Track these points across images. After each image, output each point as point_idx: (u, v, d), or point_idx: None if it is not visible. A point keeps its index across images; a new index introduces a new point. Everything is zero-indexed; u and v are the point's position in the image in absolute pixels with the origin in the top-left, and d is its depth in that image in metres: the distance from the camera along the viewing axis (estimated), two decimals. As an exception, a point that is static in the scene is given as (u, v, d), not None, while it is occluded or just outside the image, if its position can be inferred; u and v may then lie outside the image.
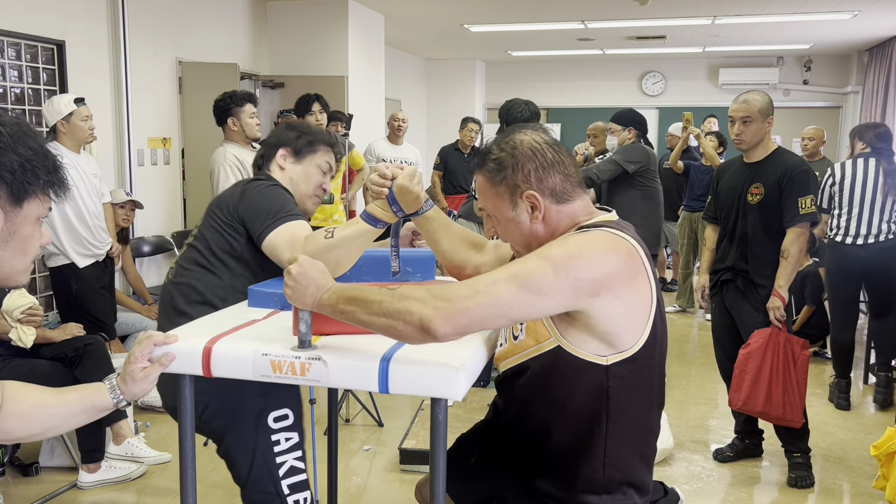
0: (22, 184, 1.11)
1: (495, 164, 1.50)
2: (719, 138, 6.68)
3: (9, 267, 1.15)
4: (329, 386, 1.43)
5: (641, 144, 4.58)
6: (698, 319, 6.62)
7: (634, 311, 1.40)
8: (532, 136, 1.51)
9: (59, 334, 3.30)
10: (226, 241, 1.96)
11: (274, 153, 2.13)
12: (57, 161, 1.17)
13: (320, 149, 2.16)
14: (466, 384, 1.37)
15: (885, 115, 8.98)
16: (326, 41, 6.75)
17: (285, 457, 1.91)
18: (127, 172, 5.10)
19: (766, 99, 3.27)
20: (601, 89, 11.01)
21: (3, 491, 3.25)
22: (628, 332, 1.40)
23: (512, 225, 1.51)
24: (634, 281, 1.40)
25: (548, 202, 1.48)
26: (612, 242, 1.40)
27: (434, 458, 1.38)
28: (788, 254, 3.20)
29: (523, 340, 1.49)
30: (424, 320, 1.28)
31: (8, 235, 1.12)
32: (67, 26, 4.58)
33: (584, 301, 1.34)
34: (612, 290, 1.35)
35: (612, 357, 1.41)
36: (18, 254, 1.16)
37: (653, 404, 1.51)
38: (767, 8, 6.95)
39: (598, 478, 1.48)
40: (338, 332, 1.55)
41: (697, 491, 3.31)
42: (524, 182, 1.48)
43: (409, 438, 3.55)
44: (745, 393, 3.29)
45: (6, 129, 1.10)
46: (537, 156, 1.48)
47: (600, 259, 1.35)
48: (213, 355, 1.48)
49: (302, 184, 2.13)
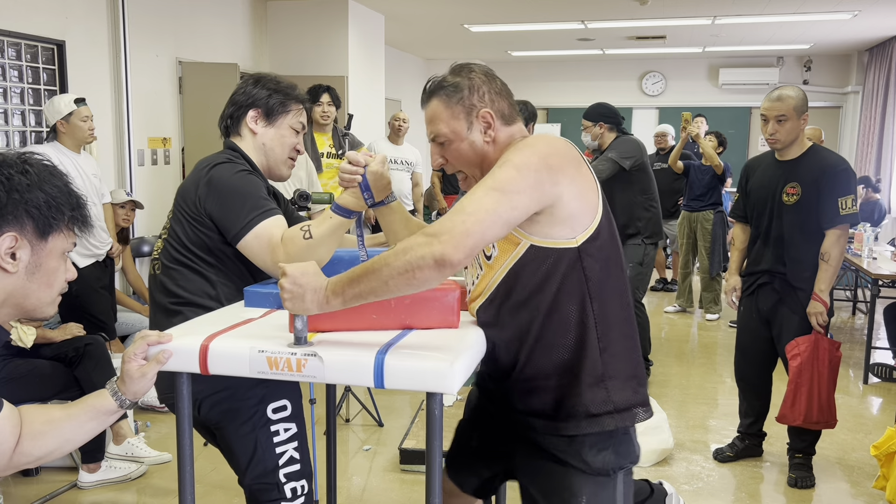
0: (47, 219, 1.21)
1: (452, 87, 1.62)
2: (718, 138, 6.68)
3: (36, 299, 1.24)
4: (325, 382, 1.44)
5: (631, 137, 4.53)
6: (698, 319, 6.62)
7: (586, 194, 1.53)
8: (481, 67, 1.68)
9: (59, 334, 3.31)
10: (197, 237, 1.87)
11: (244, 114, 1.98)
12: (81, 200, 1.27)
13: (293, 108, 2.02)
14: (461, 379, 1.37)
15: (885, 115, 8.98)
16: (326, 41, 6.76)
17: (285, 447, 1.92)
18: (127, 172, 5.11)
19: (800, 95, 3.14)
20: (601, 89, 11.00)
21: (3, 491, 3.25)
22: (585, 212, 1.54)
23: (465, 144, 1.62)
24: (580, 167, 1.55)
25: (498, 122, 1.62)
26: (549, 139, 1.56)
27: (430, 452, 1.38)
28: (829, 256, 3.08)
29: (497, 256, 1.57)
30: (437, 257, 1.36)
31: (35, 268, 1.22)
32: (67, 26, 4.59)
33: (548, 190, 1.48)
34: (565, 173, 1.50)
35: (580, 236, 1.53)
36: (45, 286, 1.24)
37: (619, 274, 1.61)
38: (767, 8, 6.95)
39: (598, 368, 1.55)
40: (333, 328, 1.55)
41: (697, 491, 3.30)
42: (480, 101, 1.61)
43: (409, 438, 3.55)
44: (804, 407, 3.18)
45: (34, 170, 1.21)
46: (489, 81, 1.64)
47: (548, 151, 1.51)
48: (209, 353, 1.48)
49: (277, 148, 2.00)
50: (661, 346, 5.68)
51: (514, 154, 1.50)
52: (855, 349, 5.59)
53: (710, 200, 6.48)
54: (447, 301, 1.57)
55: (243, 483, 1.95)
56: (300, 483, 1.94)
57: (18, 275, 1.20)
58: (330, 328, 1.55)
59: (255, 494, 1.94)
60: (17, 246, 1.18)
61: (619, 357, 1.57)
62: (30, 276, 1.21)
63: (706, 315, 6.59)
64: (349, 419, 4.07)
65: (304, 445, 1.97)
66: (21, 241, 1.19)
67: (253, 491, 1.94)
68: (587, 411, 1.53)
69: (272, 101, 1.99)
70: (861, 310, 7.09)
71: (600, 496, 1.56)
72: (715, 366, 5.22)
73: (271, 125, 2.00)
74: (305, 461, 1.97)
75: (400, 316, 1.56)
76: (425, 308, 1.57)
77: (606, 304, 1.56)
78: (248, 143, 2.01)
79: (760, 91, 10.34)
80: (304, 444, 1.97)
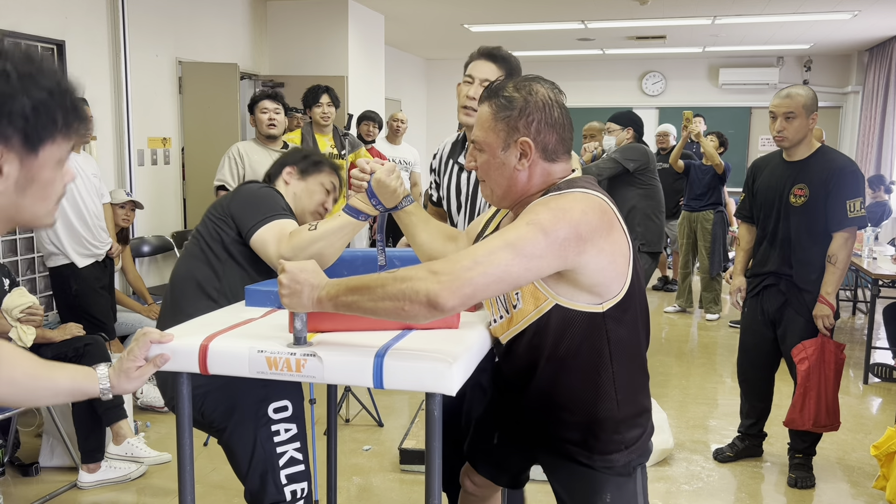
0: (37, 129, 1.02)
1: (506, 100, 1.54)
2: (720, 138, 6.68)
3: (30, 214, 1.08)
4: (324, 382, 1.44)
5: (640, 144, 4.60)
6: (698, 319, 6.62)
7: (616, 260, 1.49)
8: (547, 90, 1.56)
9: (58, 334, 3.31)
10: (216, 233, 2.04)
11: (280, 171, 2.25)
12: (76, 100, 1.07)
13: (325, 170, 2.26)
14: (460, 379, 1.38)
15: (885, 115, 8.98)
16: (326, 41, 6.76)
17: (285, 447, 1.93)
18: (127, 172, 5.11)
19: (810, 94, 3.11)
20: (601, 89, 11.01)
21: (3, 491, 3.25)
22: (614, 281, 1.50)
23: (495, 163, 1.56)
24: (611, 233, 1.48)
25: (537, 155, 1.54)
26: (588, 201, 1.48)
27: (429, 453, 1.38)
28: (837, 259, 3.06)
29: (522, 308, 1.56)
30: (431, 296, 1.32)
31: (26, 182, 1.04)
32: (67, 26, 4.59)
33: (572, 259, 1.43)
34: (594, 244, 1.44)
35: (607, 304, 1.51)
36: (39, 200, 1.08)
37: (641, 332, 1.62)
38: (767, 8, 6.95)
39: (615, 416, 1.58)
40: (333, 328, 1.55)
41: (697, 491, 3.30)
42: (525, 128, 1.52)
43: (408, 438, 3.55)
44: (813, 411, 3.17)
45: (15, 71, 0.99)
46: (546, 109, 1.53)
47: (581, 219, 1.43)
48: (209, 353, 1.48)
49: (305, 199, 2.22)
50: (661, 346, 5.68)
51: (546, 214, 1.42)
52: (855, 349, 5.58)
53: (711, 200, 6.48)
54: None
55: (245, 484, 1.95)
56: (301, 486, 1.94)
57: (7, 191, 1.04)
58: (330, 328, 1.55)
59: (256, 496, 1.94)
60: (3, 160, 1.01)
61: (635, 402, 1.62)
62: (21, 192, 1.04)
63: (706, 315, 6.59)
64: (349, 419, 4.07)
65: (304, 447, 1.98)
66: (7, 154, 1.01)
67: (253, 492, 1.94)
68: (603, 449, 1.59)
69: (306, 161, 2.26)
70: (861, 310, 7.09)
71: (624, 492, 1.61)
72: (715, 366, 5.22)
73: (303, 179, 2.24)
74: (306, 463, 1.97)
75: (400, 316, 1.56)
76: (425, 308, 1.56)
77: (626, 360, 1.58)
78: (282, 190, 2.22)
79: (760, 91, 10.34)
80: (305, 446, 1.98)
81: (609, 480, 1.60)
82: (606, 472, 1.60)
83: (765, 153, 3.42)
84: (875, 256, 5.28)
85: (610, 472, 1.60)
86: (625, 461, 1.60)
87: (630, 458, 1.61)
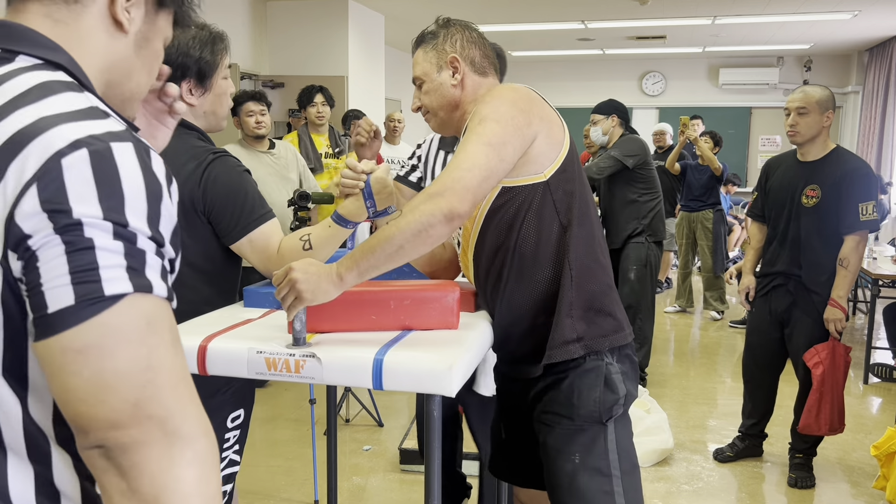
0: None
1: (430, 35, 1.76)
2: (714, 137, 6.68)
3: (136, 82, 1.00)
4: (323, 383, 1.44)
5: (635, 136, 4.54)
6: (698, 319, 6.62)
7: (552, 129, 1.62)
8: (465, 21, 1.81)
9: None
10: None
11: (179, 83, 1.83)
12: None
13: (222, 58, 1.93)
14: (460, 380, 1.37)
15: (885, 115, 8.98)
16: (326, 41, 6.76)
17: (226, 452, 1.91)
18: (126, 173, 5.10)
19: (825, 92, 3.10)
20: (601, 89, 10.99)
21: (2, 491, 3.24)
22: (553, 146, 1.62)
23: (433, 87, 1.74)
24: (542, 104, 1.64)
25: (467, 68, 1.73)
26: (512, 86, 1.65)
27: (429, 453, 1.38)
28: (848, 262, 3.04)
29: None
30: (447, 211, 1.43)
31: (143, 41, 0.97)
32: (67, 27, 4.58)
33: (526, 132, 1.56)
34: (534, 113, 1.59)
35: (548, 170, 1.61)
36: (146, 69, 1.00)
37: (590, 211, 1.68)
38: (767, 8, 6.95)
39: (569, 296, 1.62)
40: (333, 329, 1.55)
41: (697, 491, 3.30)
42: (451, 47, 1.73)
43: (409, 438, 3.55)
44: (828, 417, 3.14)
45: None
46: (465, 31, 1.76)
47: (513, 96, 1.59)
48: (208, 353, 1.48)
49: (218, 108, 1.88)
50: (661, 347, 5.67)
51: (487, 108, 1.56)
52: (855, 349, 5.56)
53: (709, 200, 6.48)
54: (446, 302, 1.57)
55: None
56: (229, 486, 1.92)
57: (129, 40, 0.96)
58: (329, 329, 1.55)
59: None
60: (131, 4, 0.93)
61: (586, 291, 1.64)
62: (138, 49, 0.97)
63: (712, 314, 6.58)
64: (349, 419, 4.07)
65: (243, 448, 1.96)
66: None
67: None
68: (563, 339, 1.61)
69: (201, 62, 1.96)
70: (861, 310, 7.09)
71: (592, 449, 1.61)
72: (715, 366, 5.22)
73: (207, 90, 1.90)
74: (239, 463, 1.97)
75: (399, 317, 1.56)
76: (424, 309, 1.56)
77: (580, 239, 1.63)
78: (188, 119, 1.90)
79: (760, 91, 10.34)
80: (243, 448, 1.95)
81: (577, 436, 1.60)
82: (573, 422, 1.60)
83: (765, 153, 3.43)
84: (875, 256, 5.28)
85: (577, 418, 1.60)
86: (583, 354, 1.61)
87: (588, 352, 1.61)
